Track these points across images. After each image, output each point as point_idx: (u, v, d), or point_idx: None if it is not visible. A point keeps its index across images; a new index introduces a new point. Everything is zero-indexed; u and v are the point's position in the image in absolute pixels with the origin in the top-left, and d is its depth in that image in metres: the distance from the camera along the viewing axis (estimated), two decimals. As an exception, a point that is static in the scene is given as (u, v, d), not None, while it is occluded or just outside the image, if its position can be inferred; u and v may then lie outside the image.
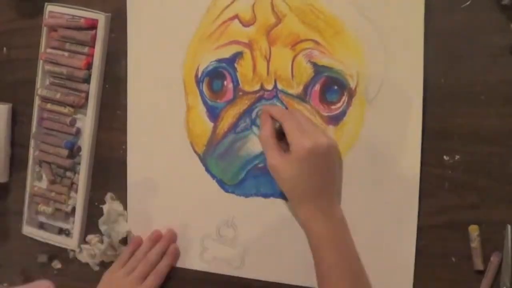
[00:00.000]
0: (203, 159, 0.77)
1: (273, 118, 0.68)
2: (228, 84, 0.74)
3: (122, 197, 0.82)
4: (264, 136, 0.68)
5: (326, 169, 0.66)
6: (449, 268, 0.66)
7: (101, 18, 0.80)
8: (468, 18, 0.64)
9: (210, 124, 0.76)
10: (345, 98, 0.69)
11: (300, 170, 0.64)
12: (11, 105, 0.90)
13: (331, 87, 0.70)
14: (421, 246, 0.67)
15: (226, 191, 0.76)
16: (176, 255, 0.79)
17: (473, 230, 0.64)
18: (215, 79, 0.75)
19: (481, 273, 0.64)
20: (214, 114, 0.76)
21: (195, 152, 0.77)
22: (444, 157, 0.66)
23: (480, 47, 0.64)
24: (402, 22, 0.66)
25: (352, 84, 0.69)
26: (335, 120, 0.70)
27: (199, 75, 0.76)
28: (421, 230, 0.67)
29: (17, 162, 0.91)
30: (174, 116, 0.78)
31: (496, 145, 0.64)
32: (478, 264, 0.64)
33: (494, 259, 0.64)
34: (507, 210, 0.64)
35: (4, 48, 0.91)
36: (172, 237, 0.79)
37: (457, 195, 0.66)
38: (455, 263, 0.66)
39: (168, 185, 0.79)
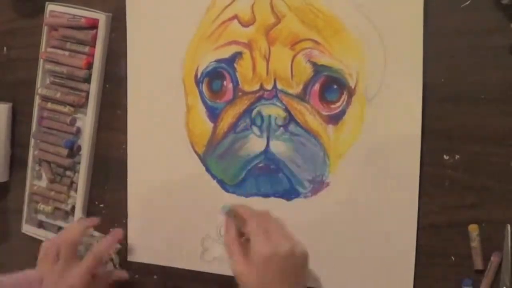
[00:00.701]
0: (203, 159, 0.77)
1: (238, 219, 0.66)
2: (228, 84, 0.74)
3: (122, 197, 0.82)
4: (226, 240, 0.65)
5: (287, 276, 0.61)
6: (449, 268, 0.66)
7: (102, 17, 0.80)
8: (468, 18, 0.64)
9: (210, 124, 0.76)
10: (344, 97, 0.69)
11: (260, 279, 0.61)
12: (11, 104, 0.90)
13: (330, 86, 0.70)
14: (421, 245, 0.67)
15: (227, 191, 0.76)
16: (117, 236, 0.78)
17: (473, 230, 0.64)
18: (215, 79, 0.75)
19: (481, 272, 0.64)
20: (214, 114, 0.76)
21: (195, 152, 0.77)
22: (444, 156, 0.66)
23: (480, 47, 0.64)
24: (402, 21, 0.66)
25: (352, 83, 0.69)
26: (335, 119, 0.70)
27: (199, 75, 0.76)
28: (421, 229, 0.67)
29: (17, 161, 0.91)
30: (174, 117, 0.78)
31: (496, 145, 0.64)
32: (478, 264, 0.64)
33: (494, 259, 0.64)
34: (507, 209, 0.64)
35: (4, 48, 0.91)
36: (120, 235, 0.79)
37: (457, 194, 0.66)
38: (455, 263, 0.66)
39: (169, 185, 0.79)
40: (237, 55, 0.74)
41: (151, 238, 0.81)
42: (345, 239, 0.70)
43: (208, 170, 0.77)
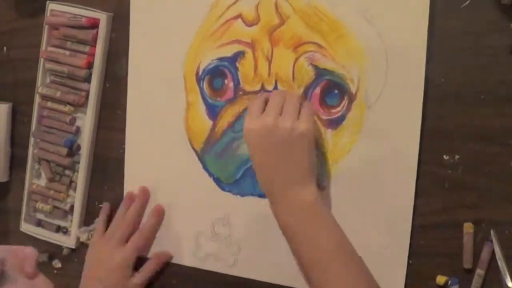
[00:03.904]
0: (200, 156, 0.77)
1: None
2: (229, 83, 0.74)
3: (121, 197, 0.82)
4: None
5: (275, 152, 0.64)
6: (449, 267, 0.66)
7: (103, 17, 0.80)
8: (468, 18, 0.64)
9: (209, 122, 0.76)
10: (345, 102, 0.69)
11: (250, 152, 0.66)
12: (11, 104, 0.90)
13: (331, 90, 0.70)
14: (421, 245, 0.67)
15: (223, 189, 0.76)
16: (160, 212, 0.79)
17: (468, 228, 0.65)
18: (216, 77, 0.75)
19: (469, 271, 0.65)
20: (213, 112, 0.76)
21: (193, 149, 0.77)
22: (444, 156, 0.66)
23: (480, 47, 0.64)
24: (406, 28, 0.66)
25: (353, 89, 0.69)
26: (334, 124, 0.70)
27: (200, 72, 0.76)
28: (421, 229, 0.67)
29: (17, 161, 0.91)
30: (174, 113, 0.78)
31: (496, 145, 0.64)
32: (467, 262, 0.65)
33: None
34: (507, 210, 0.64)
35: (4, 48, 0.91)
36: (146, 195, 0.79)
37: (456, 194, 0.66)
38: (455, 262, 0.66)
39: (165, 181, 0.79)
40: (240, 54, 0.73)
41: None
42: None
43: (205, 167, 0.77)
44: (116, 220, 0.79)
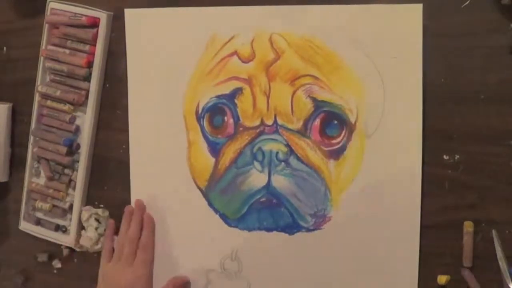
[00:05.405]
0: (205, 193, 0.77)
1: None
2: (229, 119, 0.75)
3: (121, 197, 0.82)
4: None
5: None
6: (448, 267, 0.66)
7: (103, 16, 0.80)
8: (468, 18, 0.64)
9: (212, 159, 0.76)
10: (345, 132, 0.70)
11: None
12: (11, 104, 0.90)
13: (331, 122, 0.70)
14: (421, 245, 0.67)
15: (229, 225, 0.76)
16: (151, 221, 0.79)
17: (468, 226, 0.65)
18: (216, 115, 0.75)
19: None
20: (215, 149, 0.76)
21: (198, 187, 0.77)
22: (444, 157, 0.66)
23: (480, 47, 0.64)
24: (400, 55, 0.66)
25: (352, 119, 0.69)
26: (336, 154, 0.70)
27: (200, 111, 0.76)
28: (421, 229, 0.67)
29: (17, 161, 0.90)
30: (176, 153, 0.78)
31: (496, 145, 0.64)
32: (467, 262, 0.65)
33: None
34: (507, 210, 0.64)
35: (4, 48, 0.91)
36: (141, 206, 0.79)
37: (457, 194, 0.66)
38: (455, 262, 0.66)
39: (172, 219, 0.79)
40: (238, 91, 0.74)
41: (156, 269, 0.79)
42: (348, 273, 0.70)
43: (210, 204, 0.77)
44: (120, 238, 0.79)
